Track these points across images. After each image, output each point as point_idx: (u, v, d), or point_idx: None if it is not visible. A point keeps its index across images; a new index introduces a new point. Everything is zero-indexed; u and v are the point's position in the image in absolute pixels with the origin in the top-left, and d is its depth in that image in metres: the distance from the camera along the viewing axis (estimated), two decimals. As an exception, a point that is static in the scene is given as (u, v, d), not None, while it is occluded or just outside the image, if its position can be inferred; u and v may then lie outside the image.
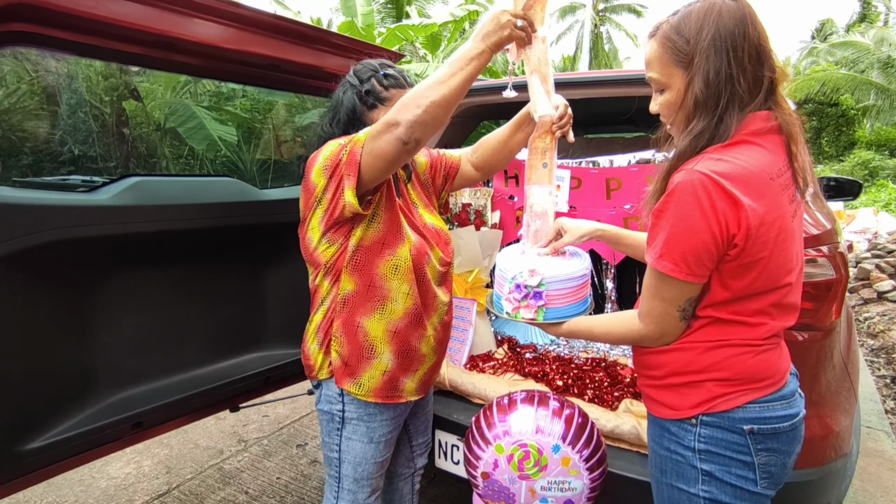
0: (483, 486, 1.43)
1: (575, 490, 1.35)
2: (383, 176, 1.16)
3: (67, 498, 2.31)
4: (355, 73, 1.33)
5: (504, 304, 1.16)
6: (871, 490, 2.43)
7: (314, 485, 2.43)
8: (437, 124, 1.07)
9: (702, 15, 0.91)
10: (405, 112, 1.05)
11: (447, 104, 1.05)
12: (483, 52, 1.06)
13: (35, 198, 1.34)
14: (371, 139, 1.11)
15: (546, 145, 1.22)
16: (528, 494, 1.37)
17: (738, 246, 0.88)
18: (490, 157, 1.46)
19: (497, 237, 2.30)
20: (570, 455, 1.34)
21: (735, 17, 0.89)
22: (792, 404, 0.98)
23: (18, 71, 7.03)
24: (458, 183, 1.52)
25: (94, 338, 1.53)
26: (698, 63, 0.90)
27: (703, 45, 0.90)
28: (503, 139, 1.42)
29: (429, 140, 1.11)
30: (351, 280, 1.24)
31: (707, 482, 0.97)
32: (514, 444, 1.36)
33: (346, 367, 1.27)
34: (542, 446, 1.34)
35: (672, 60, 0.94)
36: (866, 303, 5.20)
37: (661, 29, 0.96)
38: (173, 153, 8.45)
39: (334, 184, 1.17)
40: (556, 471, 1.34)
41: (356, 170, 1.13)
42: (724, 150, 0.90)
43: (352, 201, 1.15)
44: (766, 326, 0.95)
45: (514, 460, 1.35)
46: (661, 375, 1.01)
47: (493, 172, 1.52)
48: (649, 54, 0.98)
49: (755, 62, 0.90)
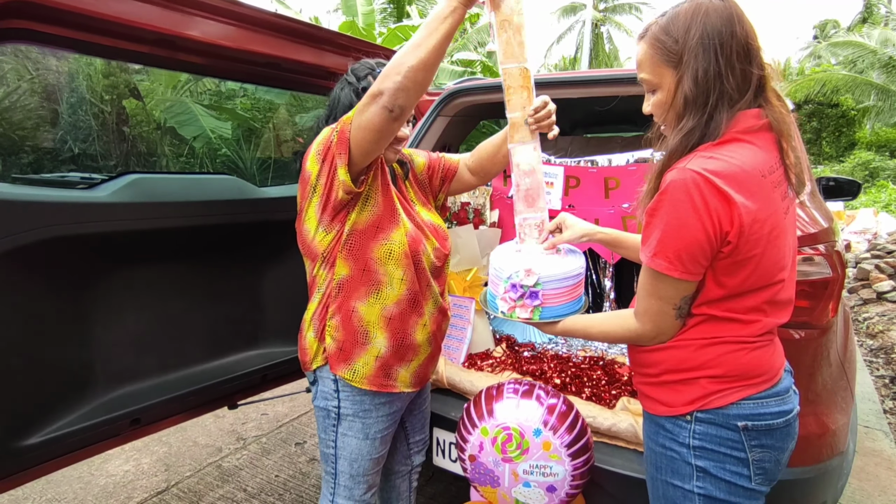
0: (471, 470, 1.48)
1: (557, 476, 1.38)
2: (374, 150, 1.16)
3: (66, 495, 2.31)
4: (352, 72, 1.35)
5: (499, 303, 1.16)
6: (868, 489, 2.43)
7: (312, 483, 2.43)
8: (418, 88, 1.07)
9: (689, 15, 0.92)
10: (386, 81, 1.06)
11: (426, 67, 1.06)
12: (456, 9, 1.06)
13: (34, 194, 1.35)
14: (358, 114, 1.13)
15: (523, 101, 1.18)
16: (511, 477, 1.41)
17: (731, 243, 0.89)
18: (485, 161, 1.48)
19: (496, 236, 2.31)
20: (551, 440, 1.37)
21: (722, 16, 0.91)
22: (786, 401, 0.98)
23: (19, 69, 7.04)
24: (455, 187, 1.54)
25: (93, 334, 1.54)
26: (687, 62, 0.92)
27: (691, 44, 0.91)
28: (497, 145, 1.44)
29: (413, 106, 1.12)
30: (346, 265, 1.25)
31: (701, 478, 0.97)
32: (497, 426, 1.41)
33: (341, 352, 1.28)
34: (524, 430, 1.39)
35: (662, 61, 0.95)
36: (866, 303, 5.21)
37: (650, 30, 0.98)
38: (173, 152, 8.46)
39: (327, 166, 1.19)
40: (538, 454, 1.38)
41: (346, 147, 1.14)
42: (716, 148, 0.90)
43: (345, 179, 1.16)
44: (759, 323, 0.95)
45: (498, 443, 1.41)
46: (657, 373, 1.02)
47: (489, 177, 1.55)
48: (640, 56, 0.99)
49: (743, 60, 0.91)
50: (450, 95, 2.16)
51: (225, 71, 1.75)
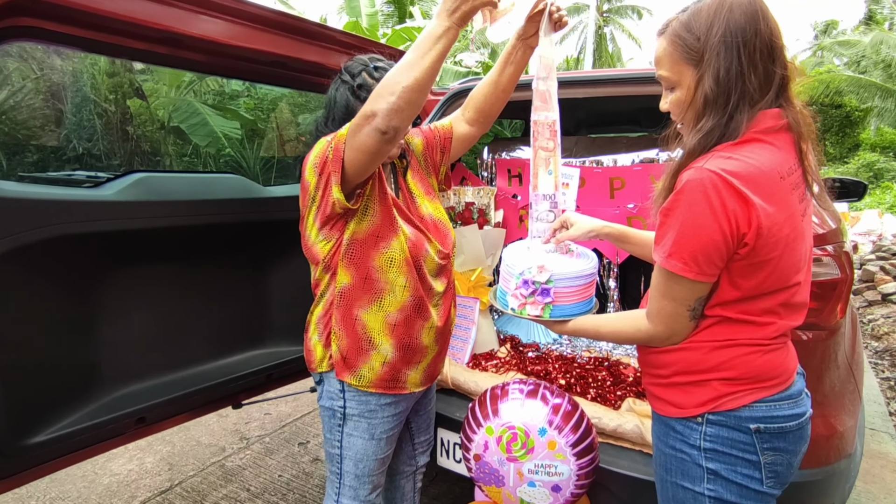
0: (476, 469, 1.48)
1: (562, 475, 1.38)
2: (368, 169, 1.15)
3: (70, 493, 2.31)
4: (346, 70, 1.32)
5: (510, 299, 1.16)
6: (874, 492, 2.42)
7: (316, 483, 2.43)
8: (413, 109, 1.05)
9: (712, 11, 0.89)
10: (380, 101, 1.04)
11: (420, 87, 1.04)
12: (450, 29, 1.04)
13: (42, 193, 1.35)
14: (351, 134, 1.11)
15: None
16: (516, 477, 1.41)
17: (748, 245, 0.87)
18: (483, 103, 1.41)
19: (500, 236, 2.30)
20: (556, 439, 1.37)
21: (746, 13, 0.88)
22: (799, 403, 0.97)
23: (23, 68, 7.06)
24: (456, 147, 1.47)
25: (99, 332, 1.54)
26: (708, 60, 0.89)
27: (713, 41, 0.88)
28: (493, 79, 1.37)
29: (408, 127, 1.10)
30: (347, 273, 1.24)
31: (712, 481, 0.96)
32: (502, 426, 1.41)
33: (345, 361, 1.27)
34: (528, 429, 1.39)
35: (682, 58, 0.92)
36: (870, 305, 5.18)
37: (670, 26, 0.94)
38: (176, 151, 8.48)
39: (323, 181, 1.18)
40: (543, 454, 1.38)
41: (340, 166, 1.13)
42: (734, 148, 0.88)
43: (339, 197, 1.15)
44: (774, 326, 0.94)
45: (503, 442, 1.40)
46: (668, 374, 1.00)
47: (491, 120, 1.47)
48: (659, 52, 0.96)
49: (766, 59, 0.88)
50: (454, 95, 2.16)
51: (231, 69, 1.75)
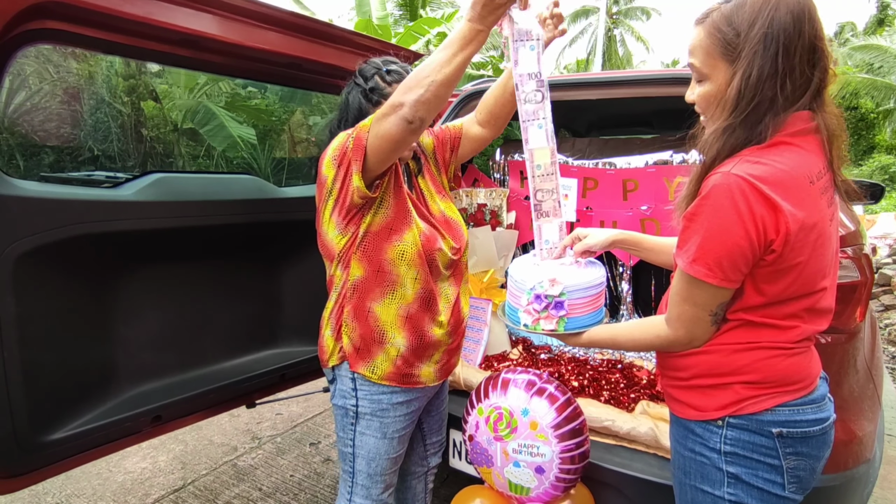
0: (470, 450, 1.56)
1: (544, 456, 1.42)
2: (390, 158, 1.17)
3: (85, 490, 2.34)
4: (360, 73, 1.34)
5: (522, 316, 1.13)
6: (891, 498, 2.38)
7: (327, 483, 2.44)
8: (439, 103, 1.09)
9: (757, 6, 0.84)
10: (409, 93, 1.07)
11: (449, 83, 1.08)
12: (481, 32, 1.08)
13: (66, 193, 1.37)
14: (377, 122, 1.13)
15: None
16: (502, 456, 1.47)
17: (775, 251, 0.84)
18: (494, 106, 1.43)
19: (513, 237, 2.30)
20: (537, 419, 1.43)
21: (793, 12, 0.83)
22: (822, 408, 0.95)
23: (41, 72, 7.18)
24: (466, 146, 1.49)
25: (116, 331, 1.55)
26: (745, 58, 0.85)
27: (753, 40, 0.84)
28: (503, 82, 1.39)
29: (432, 118, 1.13)
30: (360, 266, 1.26)
31: (733, 485, 0.95)
32: (490, 406, 1.50)
33: (358, 351, 1.29)
34: (513, 409, 1.46)
35: (718, 52, 0.88)
36: (887, 309, 5.10)
37: (710, 16, 0.90)
38: (189, 153, 8.58)
39: (343, 171, 1.19)
40: (525, 434, 1.44)
41: (362, 154, 1.15)
42: (762, 151, 0.85)
43: (359, 185, 1.17)
44: (797, 330, 0.92)
45: (491, 421, 1.49)
46: (688, 377, 0.99)
47: (502, 123, 1.49)
48: (694, 42, 0.92)
49: (806, 62, 0.84)
50: (469, 97, 2.16)
51: (247, 71, 1.76)
